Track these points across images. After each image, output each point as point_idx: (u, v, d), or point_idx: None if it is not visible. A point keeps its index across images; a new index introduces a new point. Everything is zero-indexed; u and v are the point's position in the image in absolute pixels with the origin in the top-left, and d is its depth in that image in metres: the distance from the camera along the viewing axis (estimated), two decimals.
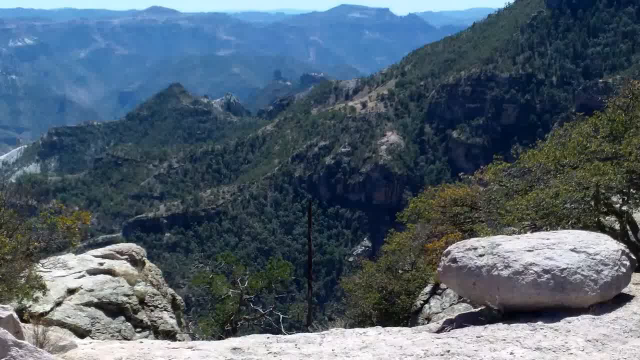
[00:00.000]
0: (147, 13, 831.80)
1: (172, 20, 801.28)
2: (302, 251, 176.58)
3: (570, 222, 13.57)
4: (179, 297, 20.83)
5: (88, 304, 15.22)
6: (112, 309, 15.65)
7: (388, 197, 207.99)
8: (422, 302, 20.72)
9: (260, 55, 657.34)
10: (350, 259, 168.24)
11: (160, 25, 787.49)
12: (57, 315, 14.38)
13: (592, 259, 7.22)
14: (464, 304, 16.79)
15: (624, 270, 7.36)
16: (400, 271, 23.57)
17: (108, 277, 16.85)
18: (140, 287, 17.65)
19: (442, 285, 19.23)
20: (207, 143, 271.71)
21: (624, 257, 7.49)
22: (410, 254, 23.64)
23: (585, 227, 13.08)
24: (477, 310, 8.22)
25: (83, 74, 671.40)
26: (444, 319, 8.21)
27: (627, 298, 7.57)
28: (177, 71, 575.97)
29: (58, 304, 14.83)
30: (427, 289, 21.04)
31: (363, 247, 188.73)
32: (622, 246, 7.66)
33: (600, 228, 13.95)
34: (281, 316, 24.42)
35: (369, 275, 23.92)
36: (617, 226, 14.53)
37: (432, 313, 19.15)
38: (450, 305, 18.69)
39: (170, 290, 20.69)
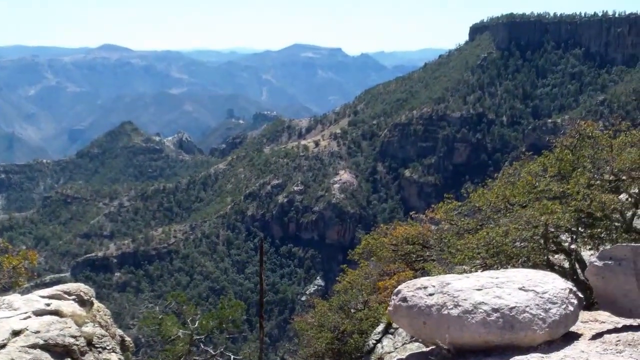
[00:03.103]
0: (99, 51, 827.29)
1: (125, 58, 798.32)
2: (255, 290, 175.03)
3: (520, 261, 13.72)
4: (128, 338, 20.28)
5: (34, 346, 14.74)
6: (59, 350, 15.16)
7: (341, 236, 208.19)
8: (374, 341, 20.62)
9: (213, 93, 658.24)
10: (303, 298, 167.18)
11: (112, 62, 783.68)
12: (1, 358, 13.93)
13: (540, 297, 7.27)
14: (416, 343, 16.76)
15: (571, 308, 7.42)
16: (352, 310, 23.48)
17: (55, 318, 16.33)
18: (88, 328, 17.13)
19: (395, 325, 19.17)
20: (159, 181, 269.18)
21: (571, 295, 7.56)
22: (363, 292, 23.59)
23: (535, 266, 13.24)
24: (427, 350, 8.19)
25: (33, 111, 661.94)
26: (396, 359, 8.17)
27: (575, 336, 7.62)
28: (129, 109, 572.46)
29: (2, 346, 14.33)
30: (380, 328, 20.97)
31: (316, 286, 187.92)
32: (569, 284, 7.74)
33: (550, 266, 14.13)
34: (232, 357, 24.04)
35: (321, 314, 23.76)
36: (566, 264, 14.74)
37: (385, 352, 19.06)
38: (403, 344, 18.63)
39: (119, 331, 20.18)
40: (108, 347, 17.19)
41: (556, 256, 15.17)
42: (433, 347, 7.79)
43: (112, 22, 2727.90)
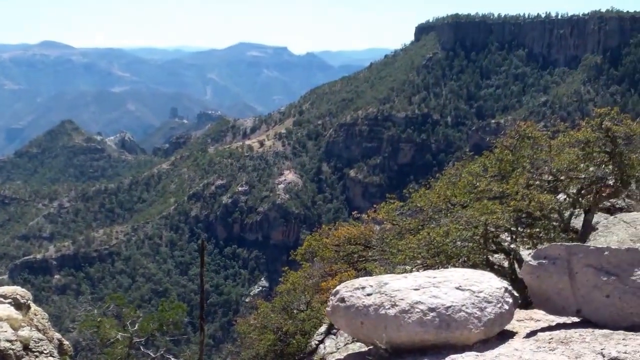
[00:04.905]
0: (38, 47, 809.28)
1: (65, 55, 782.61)
2: (198, 292, 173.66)
3: (460, 260, 13.83)
4: (66, 342, 19.84)
5: None
6: None
7: (285, 236, 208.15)
8: (317, 342, 20.59)
9: (157, 92, 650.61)
10: (247, 300, 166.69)
11: (52, 60, 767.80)
12: None
13: (476, 296, 7.33)
14: (358, 344, 16.76)
15: (506, 307, 7.50)
16: (295, 311, 23.42)
17: None
18: (25, 332, 16.69)
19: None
20: (100, 181, 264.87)
21: (507, 294, 7.64)
22: (305, 293, 23.54)
23: (474, 265, 13.37)
24: (365, 350, 8.19)
25: None
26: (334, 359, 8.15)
27: (510, 335, 7.70)
28: (69, 107, 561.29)
29: None
30: (322, 328, 20.95)
31: (260, 287, 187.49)
32: (505, 283, 7.82)
33: (490, 266, 14.29)
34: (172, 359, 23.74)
35: (264, 316, 23.65)
36: (506, 264, 14.92)
37: (327, 353, 19.03)
38: (345, 344, 18.63)
39: (57, 335, 19.73)
40: (45, 351, 16.78)
41: (496, 255, 15.35)
42: (371, 347, 7.79)
43: (52, 18, 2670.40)
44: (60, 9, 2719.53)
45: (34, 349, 16.49)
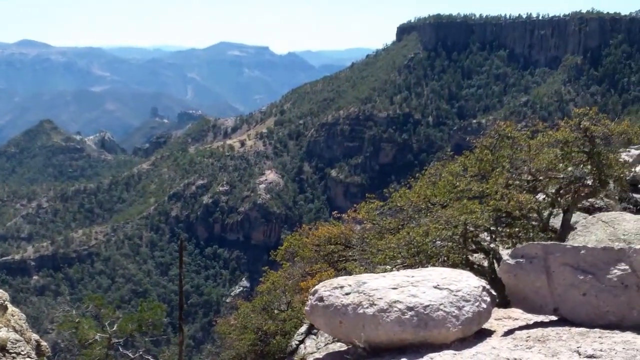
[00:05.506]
0: (16, 46, 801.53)
1: (44, 54, 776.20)
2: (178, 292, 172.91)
3: (440, 260, 13.84)
4: (44, 343, 19.68)
5: None
6: None
7: (266, 237, 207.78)
8: (297, 342, 20.54)
9: (137, 91, 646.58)
10: (228, 300, 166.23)
11: (30, 59, 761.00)
12: None
13: (454, 295, 7.35)
14: (339, 343, 16.73)
15: (484, 306, 7.53)
16: (276, 311, 23.37)
17: None
18: (2, 333, 16.54)
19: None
20: (80, 181, 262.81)
21: (484, 293, 7.67)
22: (286, 293, 23.51)
23: (454, 265, 13.38)
24: (344, 349, 8.19)
25: None
26: (312, 359, 8.14)
27: (488, 333, 7.74)
28: (48, 107, 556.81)
29: None
30: (303, 328, 20.91)
31: (241, 288, 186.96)
32: (482, 282, 7.85)
33: (469, 265, 14.33)
34: None
35: (244, 316, 23.57)
36: (485, 263, 14.96)
37: (308, 353, 18.99)
38: (326, 344, 18.58)
39: (35, 336, 19.57)
40: (23, 352, 16.63)
41: (475, 255, 15.39)
42: (350, 346, 7.78)
43: (30, 16, 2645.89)
44: (38, 7, 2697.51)
45: (11, 350, 16.34)
